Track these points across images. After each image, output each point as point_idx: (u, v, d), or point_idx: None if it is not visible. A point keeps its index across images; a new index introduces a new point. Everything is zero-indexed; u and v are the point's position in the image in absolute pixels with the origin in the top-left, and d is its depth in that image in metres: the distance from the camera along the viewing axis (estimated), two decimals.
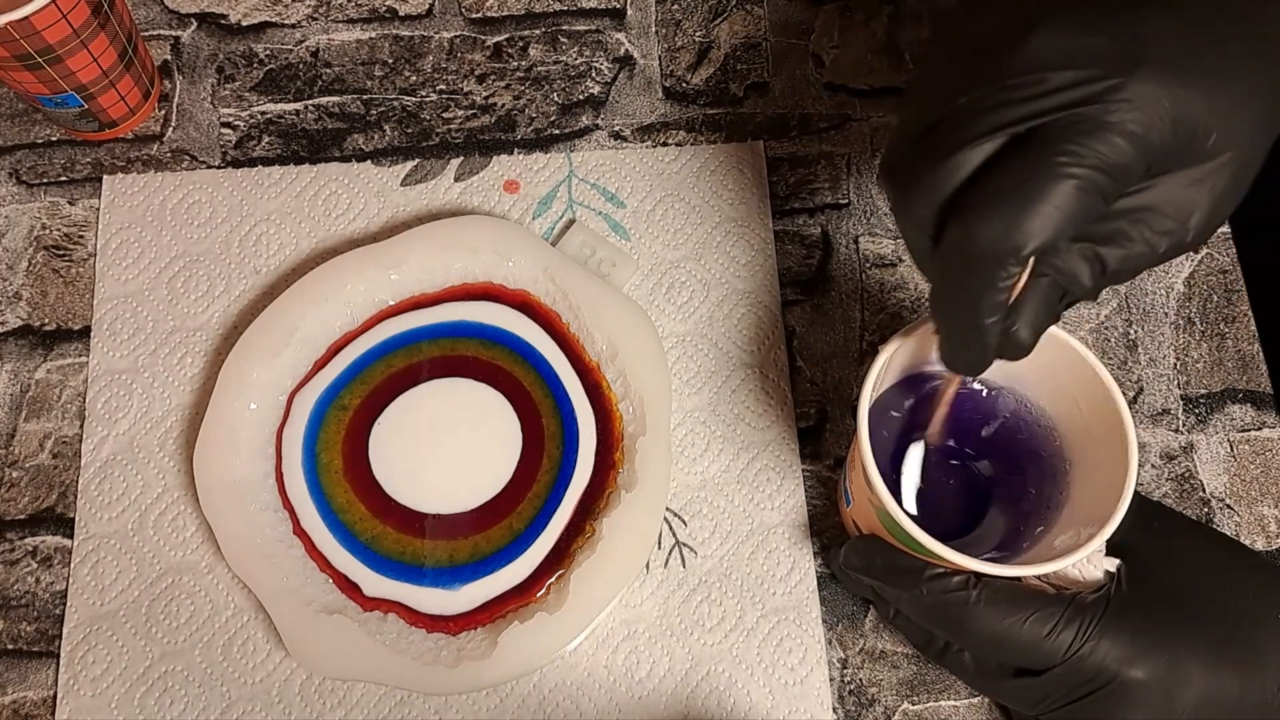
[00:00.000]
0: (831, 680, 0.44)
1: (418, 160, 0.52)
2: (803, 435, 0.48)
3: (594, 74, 0.54)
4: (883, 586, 0.39)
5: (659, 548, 0.46)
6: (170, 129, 0.53)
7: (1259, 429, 0.48)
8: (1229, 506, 0.47)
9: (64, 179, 0.52)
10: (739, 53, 0.55)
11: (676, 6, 0.56)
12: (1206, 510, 0.47)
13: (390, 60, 0.54)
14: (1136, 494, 0.36)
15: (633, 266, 0.50)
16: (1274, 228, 0.53)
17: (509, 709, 0.43)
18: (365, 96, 0.53)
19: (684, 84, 0.54)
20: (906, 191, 0.32)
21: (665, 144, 0.53)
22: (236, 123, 0.53)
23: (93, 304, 0.49)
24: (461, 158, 0.52)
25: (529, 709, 0.43)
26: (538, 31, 0.55)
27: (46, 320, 0.49)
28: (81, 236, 0.51)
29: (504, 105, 0.53)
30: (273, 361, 0.46)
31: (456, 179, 0.52)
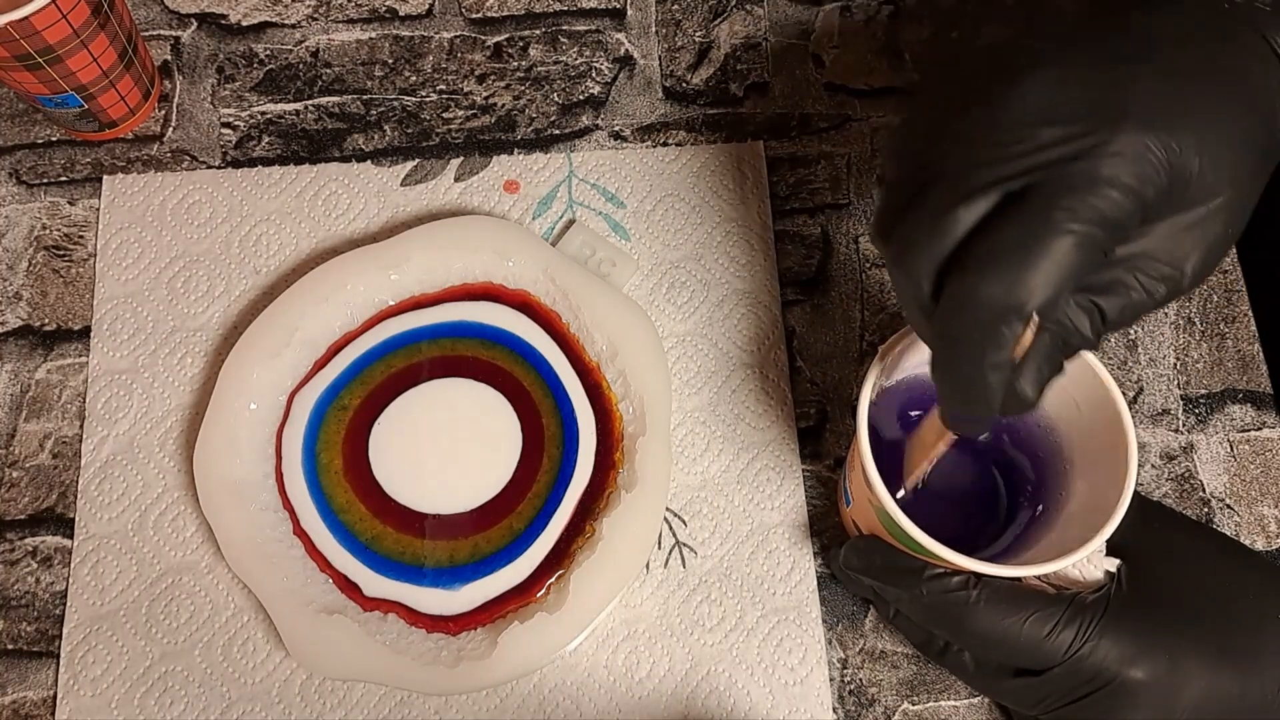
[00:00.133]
0: (831, 680, 0.44)
1: (418, 160, 0.52)
2: (803, 435, 0.48)
3: (594, 74, 0.54)
4: (883, 586, 0.39)
5: (659, 548, 0.46)
6: (170, 129, 0.53)
7: (1259, 429, 0.48)
8: (1229, 506, 0.47)
9: (64, 179, 0.52)
10: (739, 53, 0.55)
11: (676, 6, 0.56)
12: (1206, 510, 0.47)
13: (390, 60, 0.54)
14: (1136, 494, 0.36)
15: (633, 266, 0.50)
16: (1274, 228, 0.53)
17: (509, 709, 0.43)
18: (365, 96, 0.53)
19: (684, 84, 0.54)
20: (902, 251, 0.31)
21: (665, 144, 0.53)
22: (236, 123, 0.53)
23: (93, 304, 0.49)
24: (461, 158, 0.52)
25: (529, 709, 0.43)
26: (538, 31, 0.55)
27: (46, 320, 0.49)
28: (81, 236, 0.51)
29: (504, 105, 0.53)
30: (273, 361, 0.46)
31: (456, 179, 0.52)
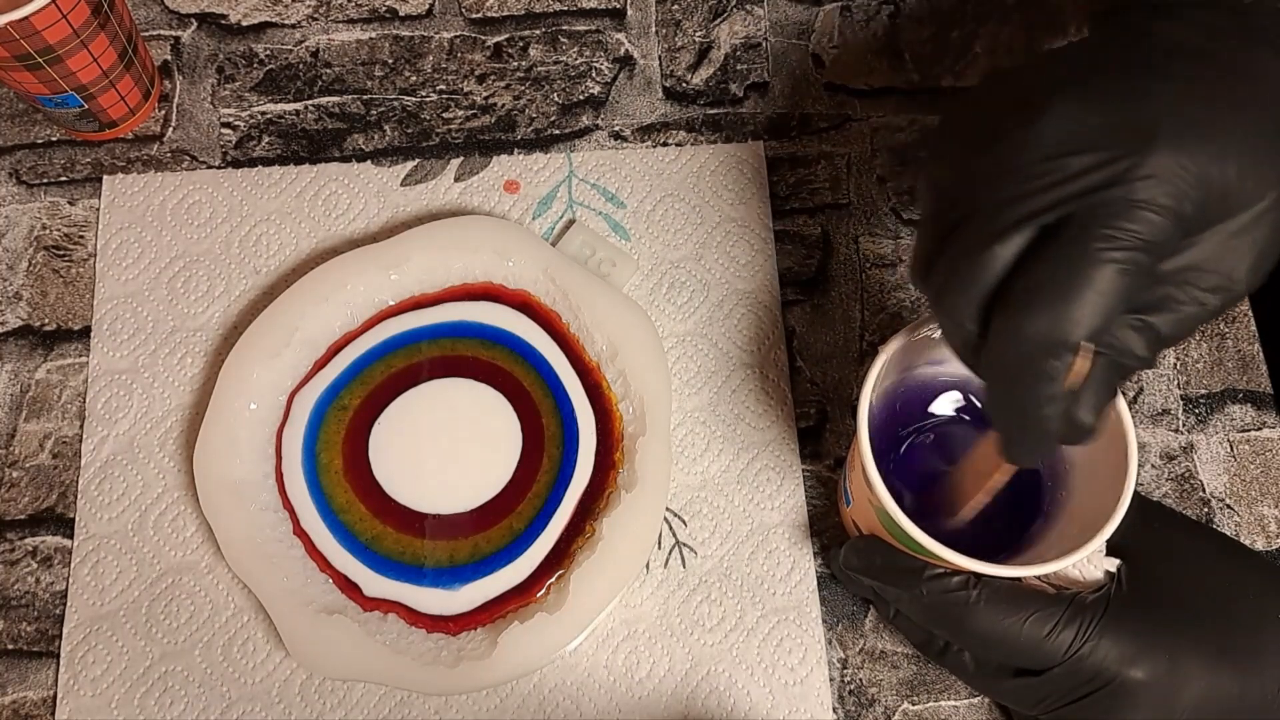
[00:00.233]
0: (831, 680, 0.44)
1: (418, 160, 0.52)
2: (803, 435, 0.48)
3: (594, 74, 0.54)
4: (883, 586, 0.39)
5: (659, 548, 0.46)
6: (170, 129, 0.53)
7: (1259, 429, 0.48)
8: (1229, 506, 0.47)
9: (64, 179, 0.52)
10: (739, 53, 0.55)
11: (676, 6, 0.55)
12: (1206, 510, 0.47)
13: (390, 60, 0.54)
14: (1136, 494, 0.36)
15: (633, 266, 0.50)
16: None
17: (509, 709, 0.43)
18: (365, 96, 0.53)
19: (684, 84, 0.54)
20: (943, 293, 0.31)
21: (665, 144, 0.53)
22: (236, 123, 0.53)
23: (93, 304, 0.49)
24: (461, 158, 0.52)
25: (529, 709, 0.43)
26: (538, 31, 0.55)
27: (46, 320, 0.49)
28: (81, 236, 0.51)
29: (504, 105, 0.53)
30: (273, 361, 0.46)
31: (456, 179, 0.52)
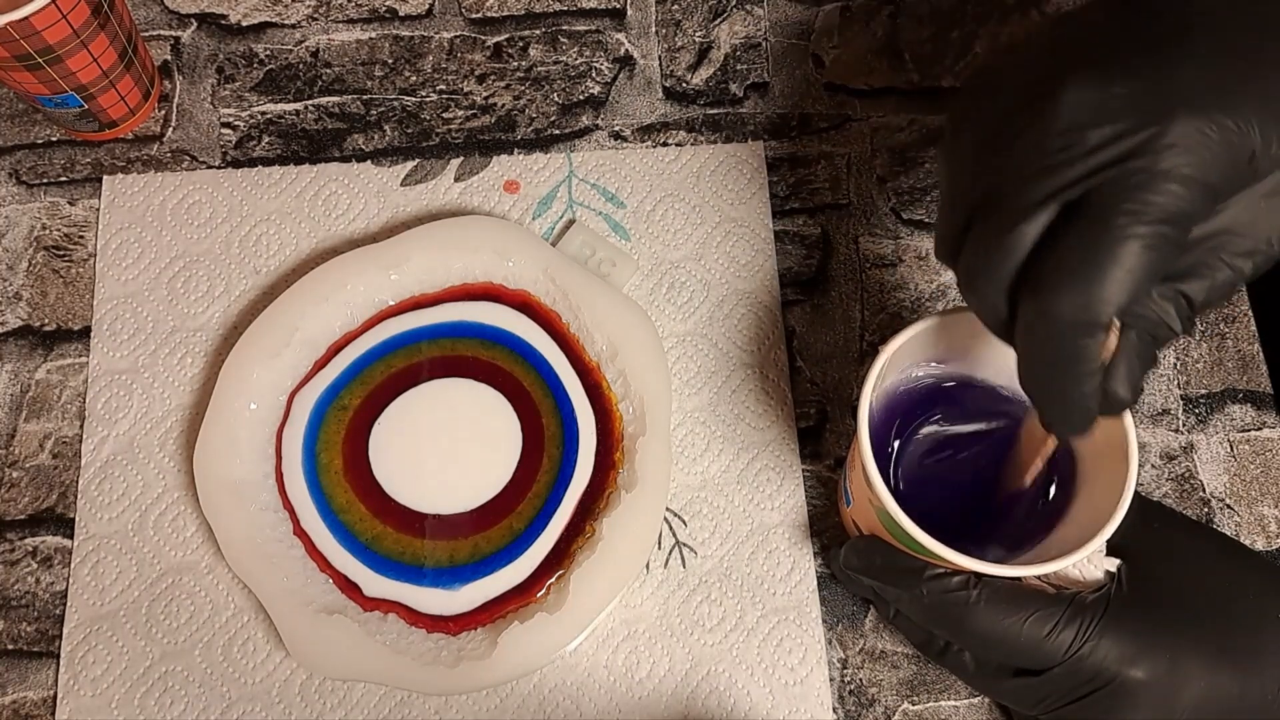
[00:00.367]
0: (831, 680, 0.44)
1: (418, 160, 0.52)
2: (803, 435, 0.48)
3: (594, 74, 0.54)
4: (883, 586, 0.39)
5: (659, 548, 0.46)
6: (170, 129, 0.53)
7: (1259, 429, 0.48)
8: (1229, 506, 0.47)
9: (64, 179, 0.52)
10: (739, 53, 0.55)
11: (676, 6, 0.55)
12: (1206, 510, 0.47)
13: (390, 60, 0.54)
14: (1136, 494, 0.36)
15: (633, 266, 0.50)
16: None
17: (509, 709, 0.43)
18: (365, 96, 0.53)
19: (684, 84, 0.54)
20: (971, 275, 0.31)
21: (665, 144, 0.53)
22: (236, 123, 0.53)
23: (93, 304, 0.49)
24: (461, 158, 0.52)
25: (529, 709, 0.43)
26: (538, 31, 0.55)
27: (46, 320, 0.49)
28: (81, 236, 0.51)
29: (504, 105, 0.53)
30: (273, 361, 0.46)
31: (456, 179, 0.52)
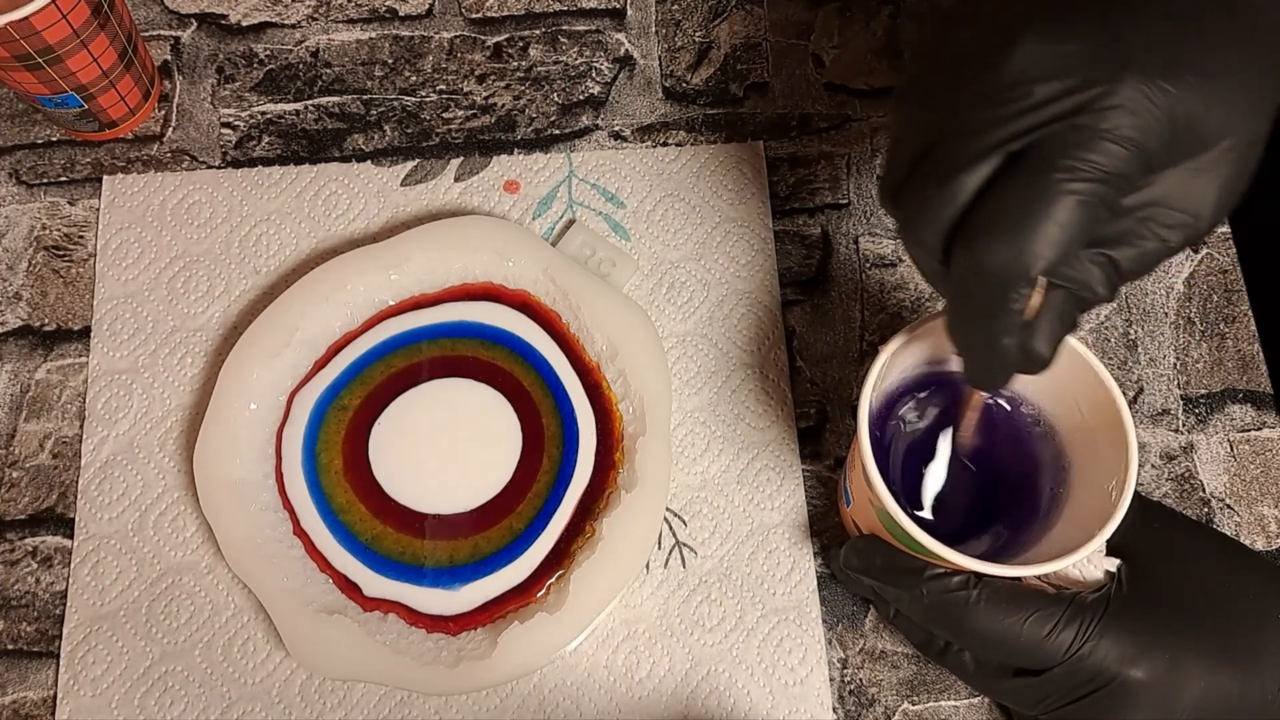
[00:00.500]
0: (831, 680, 0.44)
1: (418, 160, 0.52)
2: (803, 435, 0.48)
3: (594, 74, 0.54)
4: (883, 586, 0.39)
5: (659, 548, 0.46)
6: (170, 129, 0.53)
7: (1259, 429, 0.48)
8: (1229, 506, 0.47)
9: (64, 179, 0.52)
10: (739, 53, 0.55)
11: (676, 6, 0.55)
12: (1206, 510, 0.47)
13: (390, 60, 0.54)
14: (1136, 494, 0.36)
15: (633, 266, 0.50)
16: (1274, 227, 0.53)
17: (509, 709, 0.43)
18: (365, 96, 0.53)
19: (684, 84, 0.54)
20: (910, 219, 0.31)
21: (665, 144, 0.53)
22: (236, 123, 0.53)
23: (93, 304, 0.49)
24: (461, 158, 0.52)
25: (529, 709, 0.43)
26: (538, 31, 0.55)
27: (46, 320, 0.49)
28: (81, 236, 0.51)
29: (504, 105, 0.53)
30: (273, 361, 0.46)
31: (456, 179, 0.52)
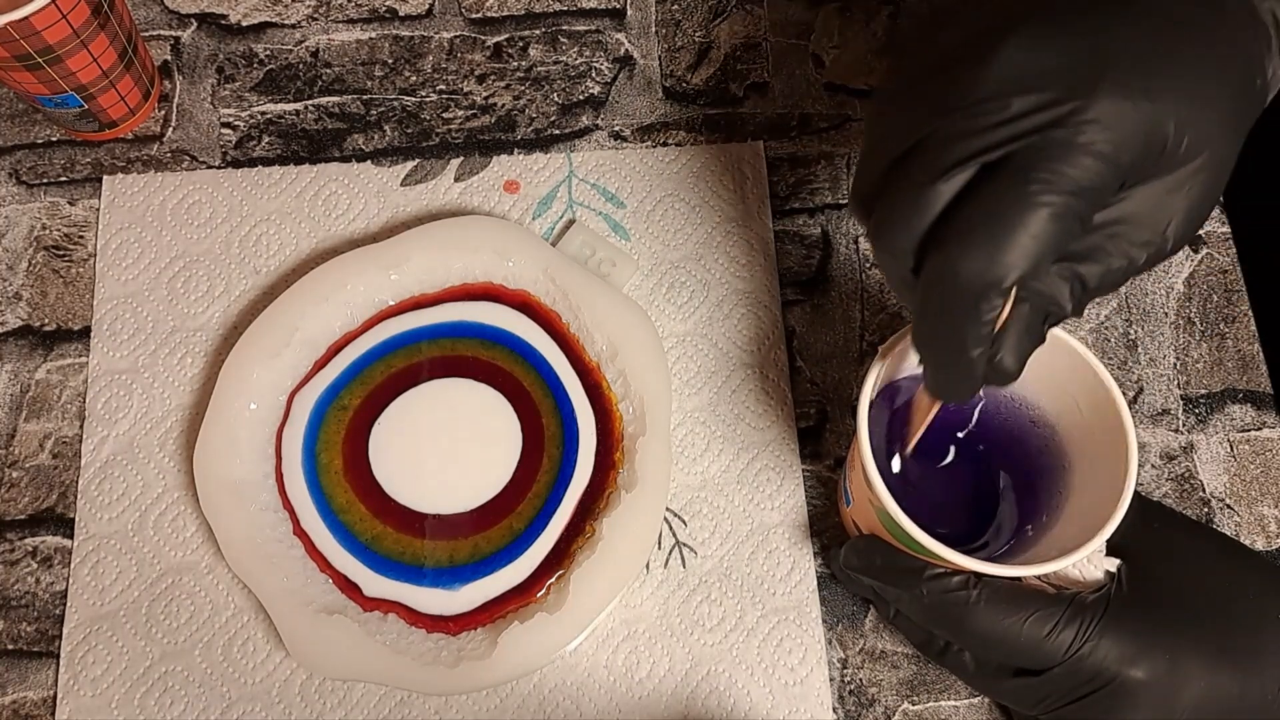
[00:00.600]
0: (831, 680, 0.44)
1: (418, 160, 0.52)
2: (803, 435, 0.48)
3: (594, 74, 0.54)
4: (883, 586, 0.39)
5: (659, 548, 0.46)
6: (170, 129, 0.53)
7: (1259, 429, 0.48)
8: (1229, 506, 0.47)
9: (64, 179, 0.52)
10: (739, 53, 0.55)
11: (676, 6, 0.55)
12: (1206, 510, 0.47)
13: (390, 60, 0.54)
14: (1136, 494, 0.36)
15: (633, 266, 0.50)
16: (1274, 228, 0.53)
17: (509, 709, 0.43)
18: (365, 96, 0.53)
19: (684, 84, 0.54)
20: (882, 227, 0.31)
21: (665, 144, 0.53)
22: (236, 123, 0.53)
23: (93, 304, 0.49)
24: (461, 158, 0.52)
25: (529, 709, 0.43)
26: (538, 31, 0.55)
27: (46, 320, 0.49)
28: (81, 236, 0.51)
29: (504, 105, 0.53)
30: (273, 361, 0.46)
31: (456, 179, 0.52)
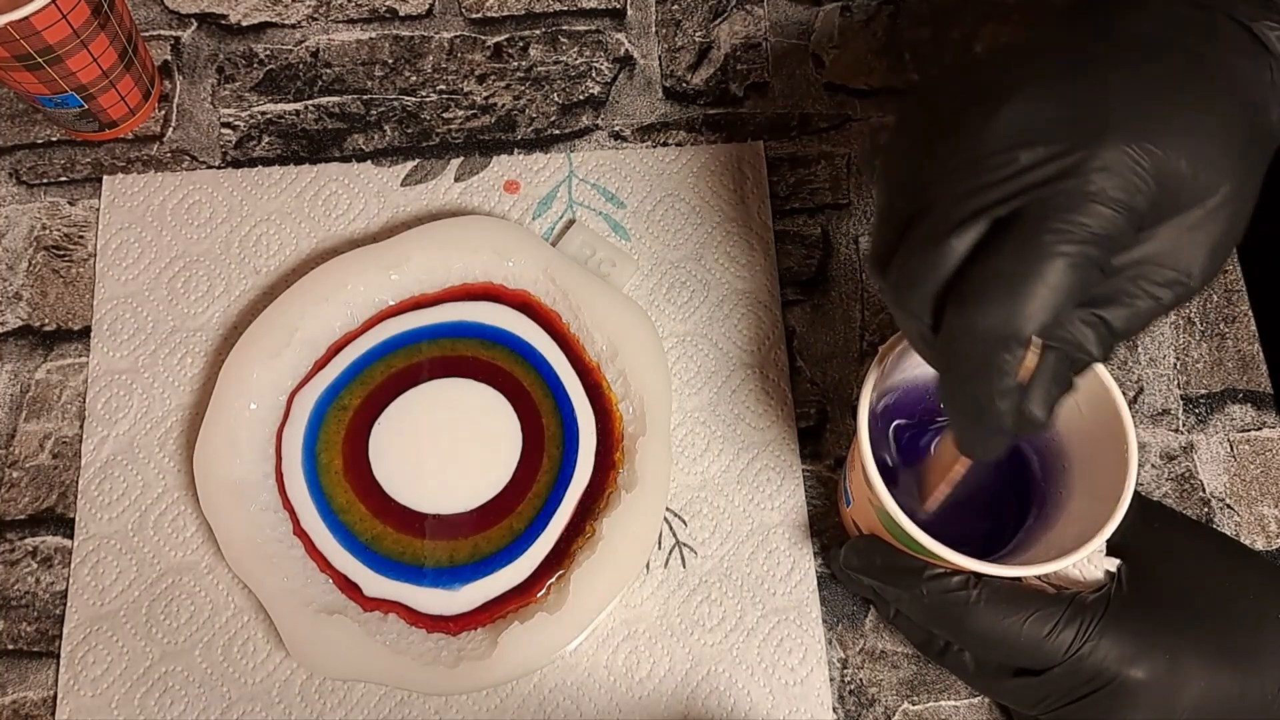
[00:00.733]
0: (831, 680, 0.44)
1: (418, 160, 0.52)
2: (803, 435, 0.48)
3: (594, 74, 0.54)
4: (883, 586, 0.39)
5: (659, 548, 0.46)
6: (170, 129, 0.53)
7: (1259, 429, 0.48)
8: (1229, 506, 0.47)
9: (64, 179, 0.52)
10: (739, 53, 0.55)
11: (676, 6, 0.55)
12: (1206, 510, 0.47)
13: (390, 60, 0.54)
14: (1136, 494, 0.36)
15: (633, 266, 0.50)
16: (1274, 228, 0.53)
17: (509, 709, 0.43)
18: (365, 96, 0.53)
19: (684, 84, 0.54)
20: (899, 286, 0.31)
21: (665, 144, 0.53)
22: (236, 123, 0.53)
23: (93, 304, 0.49)
24: (461, 158, 0.52)
25: (529, 709, 0.43)
26: (538, 31, 0.55)
27: (46, 320, 0.49)
28: (81, 236, 0.51)
29: (504, 105, 0.53)
30: (273, 361, 0.46)
31: (456, 179, 0.52)
